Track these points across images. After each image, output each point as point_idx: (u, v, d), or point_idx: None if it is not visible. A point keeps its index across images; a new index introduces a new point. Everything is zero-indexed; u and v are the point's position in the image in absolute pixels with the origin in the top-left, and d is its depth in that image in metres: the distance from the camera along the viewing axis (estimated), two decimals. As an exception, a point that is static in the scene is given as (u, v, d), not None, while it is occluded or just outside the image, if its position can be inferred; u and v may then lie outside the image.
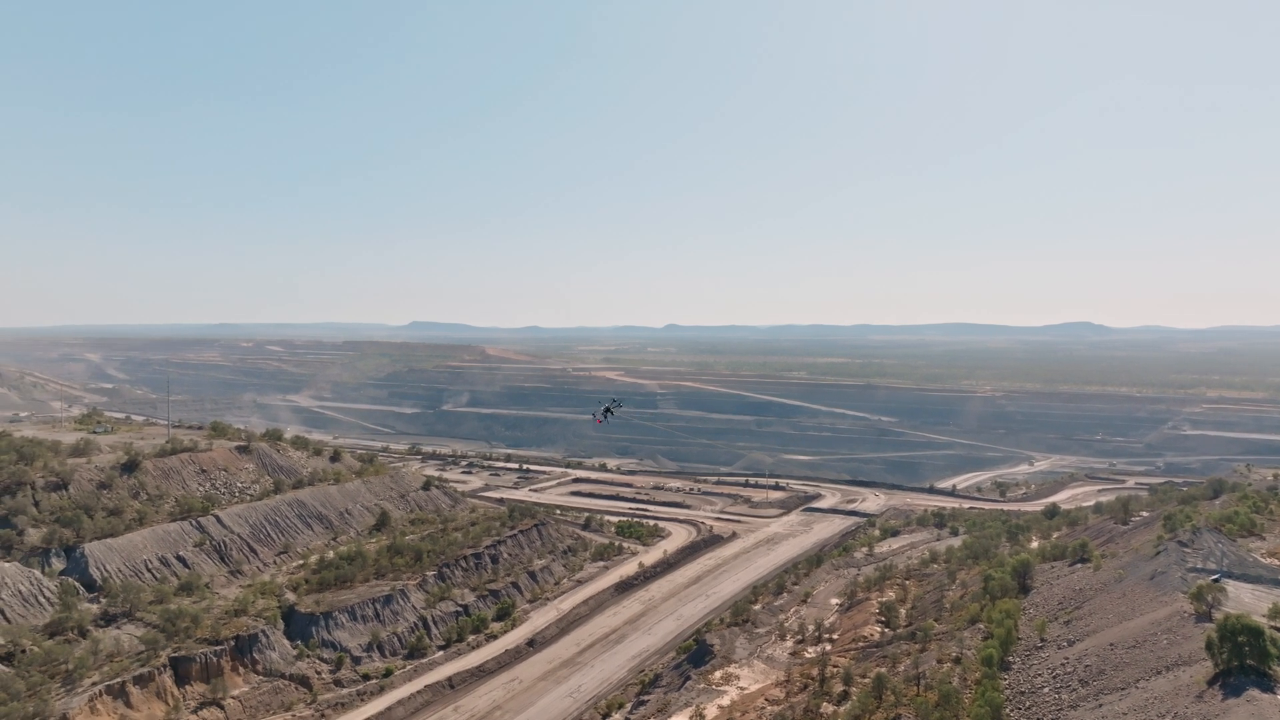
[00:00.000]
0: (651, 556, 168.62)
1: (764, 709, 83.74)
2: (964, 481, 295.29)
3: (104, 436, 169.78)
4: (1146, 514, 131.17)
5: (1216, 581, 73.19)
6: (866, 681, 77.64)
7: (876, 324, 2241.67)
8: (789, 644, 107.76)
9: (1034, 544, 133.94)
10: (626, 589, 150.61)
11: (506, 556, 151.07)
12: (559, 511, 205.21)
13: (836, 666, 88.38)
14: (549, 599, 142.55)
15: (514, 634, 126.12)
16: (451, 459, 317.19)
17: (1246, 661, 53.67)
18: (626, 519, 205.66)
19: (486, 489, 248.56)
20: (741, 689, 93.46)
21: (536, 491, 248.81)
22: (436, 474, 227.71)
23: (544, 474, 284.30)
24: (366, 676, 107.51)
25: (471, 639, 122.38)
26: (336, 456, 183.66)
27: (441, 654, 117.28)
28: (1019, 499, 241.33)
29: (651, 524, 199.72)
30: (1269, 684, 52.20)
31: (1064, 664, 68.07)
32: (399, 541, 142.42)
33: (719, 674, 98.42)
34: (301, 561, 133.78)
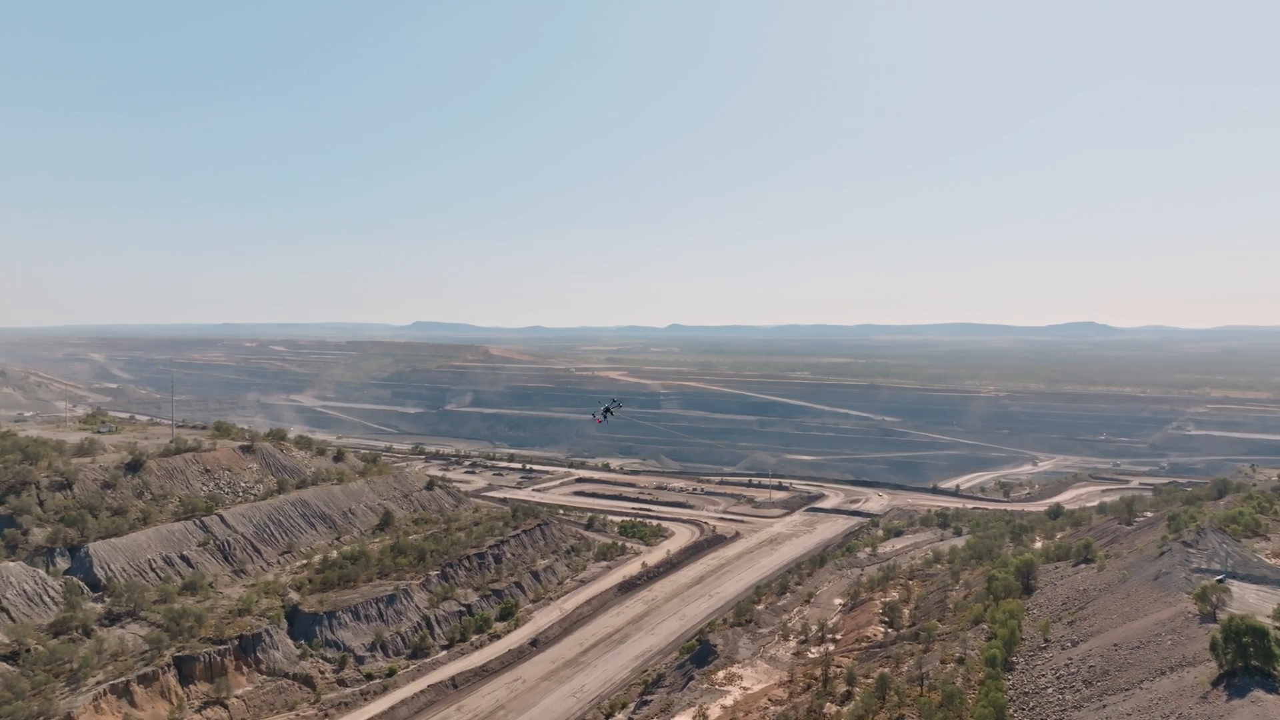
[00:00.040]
0: (654, 556, 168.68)
1: (767, 709, 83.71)
2: (967, 482, 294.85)
3: (108, 436, 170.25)
4: (1150, 514, 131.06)
5: (1221, 582, 73.06)
6: (870, 682, 77.57)
7: (880, 324, 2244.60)
8: (792, 644, 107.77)
9: (1038, 544, 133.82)
10: (629, 589, 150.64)
11: (510, 556, 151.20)
12: (562, 511, 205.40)
13: (840, 667, 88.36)
14: (552, 599, 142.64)
15: (517, 634, 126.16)
16: (455, 459, 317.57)
17: (1251, 662, 53.60)
18: (629, 519, 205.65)
19: (490, 489, 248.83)
20: (745, 689, 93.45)
21: (540, 491, 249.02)
22: (440, 474, 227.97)
23: (547, 474, 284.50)
24: (370, 676, 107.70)
25: (475, 639, 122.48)
26: (340, 456, 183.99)
27: (445, 654, 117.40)
28: (1023, 499, 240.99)
29: (654, 524, 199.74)
30: (1274, 685, 52.08)
31: (1068, 664, 67.97)
32: (402, 541, 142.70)
33: (722, 674, 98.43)
34: (305, 561, 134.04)
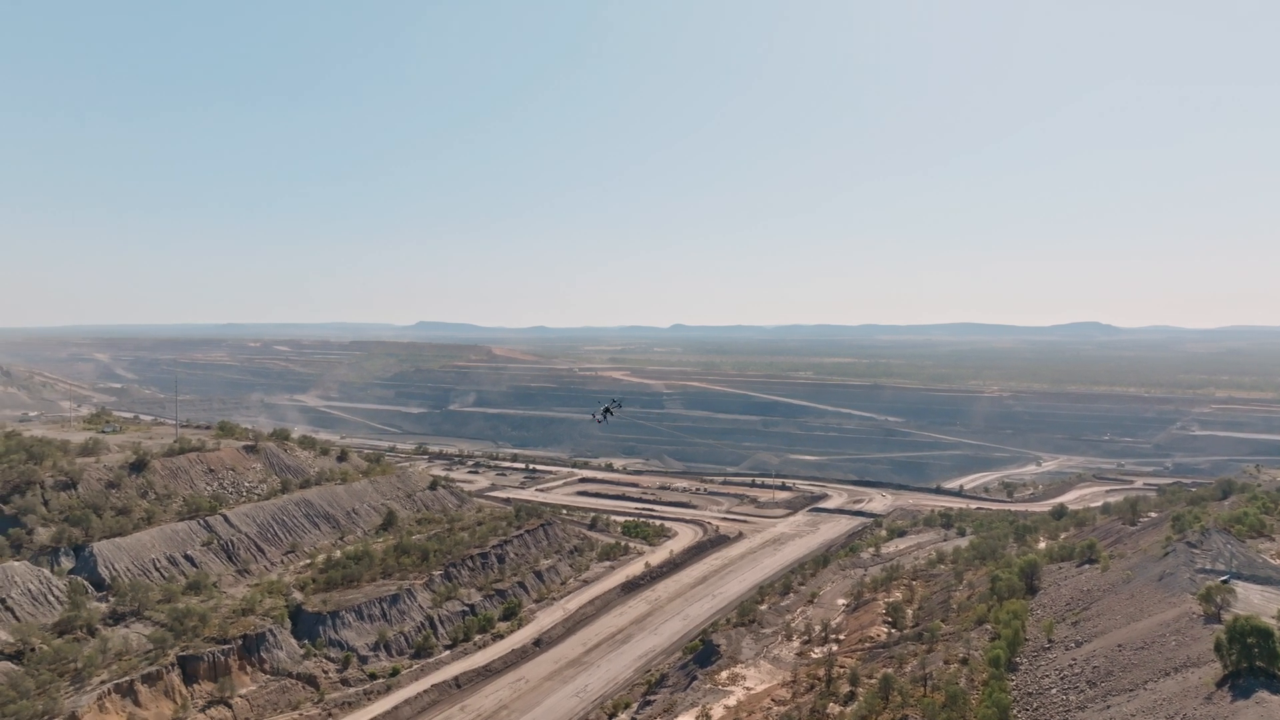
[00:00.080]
0: (658, 557, 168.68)
1: (770, 709, 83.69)
2: (971, 482, 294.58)
3: (112, 436, 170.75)
4: (1155, 515, 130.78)
5: (1225, 583, 72.88)
6: (873, 682, 77.54)
7: (883, 324, 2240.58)
8: (795, 644, 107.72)
9: (1041, 545, 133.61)
10: (633, 589, 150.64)
11: (513, 556, 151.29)
12: (565, 511, 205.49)
13: (843, 667, 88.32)
14: (555, 599, 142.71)
15: (520, 634, 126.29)
16: (458, 459, 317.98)
17: (1256, 663, 53.50)
18: (633, 519, 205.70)
19: (493, 489, 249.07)
20: (748, 689, 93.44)
21: (543, 491, 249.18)
22: (443, 474, 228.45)
23: (550, 474, 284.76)
24: (373, 676, 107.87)
25: (478, 639, 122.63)
26: (343, 456, 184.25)
27: (448, 653, 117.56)
28: (1026, 499, 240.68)
29: (658, 524, 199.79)
30: (1278, 686, 51.95)
31: (1071, 665, 67.86)
32: (406, 541, 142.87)
33: (725, 674, 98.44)
34: (309, 561, 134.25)
